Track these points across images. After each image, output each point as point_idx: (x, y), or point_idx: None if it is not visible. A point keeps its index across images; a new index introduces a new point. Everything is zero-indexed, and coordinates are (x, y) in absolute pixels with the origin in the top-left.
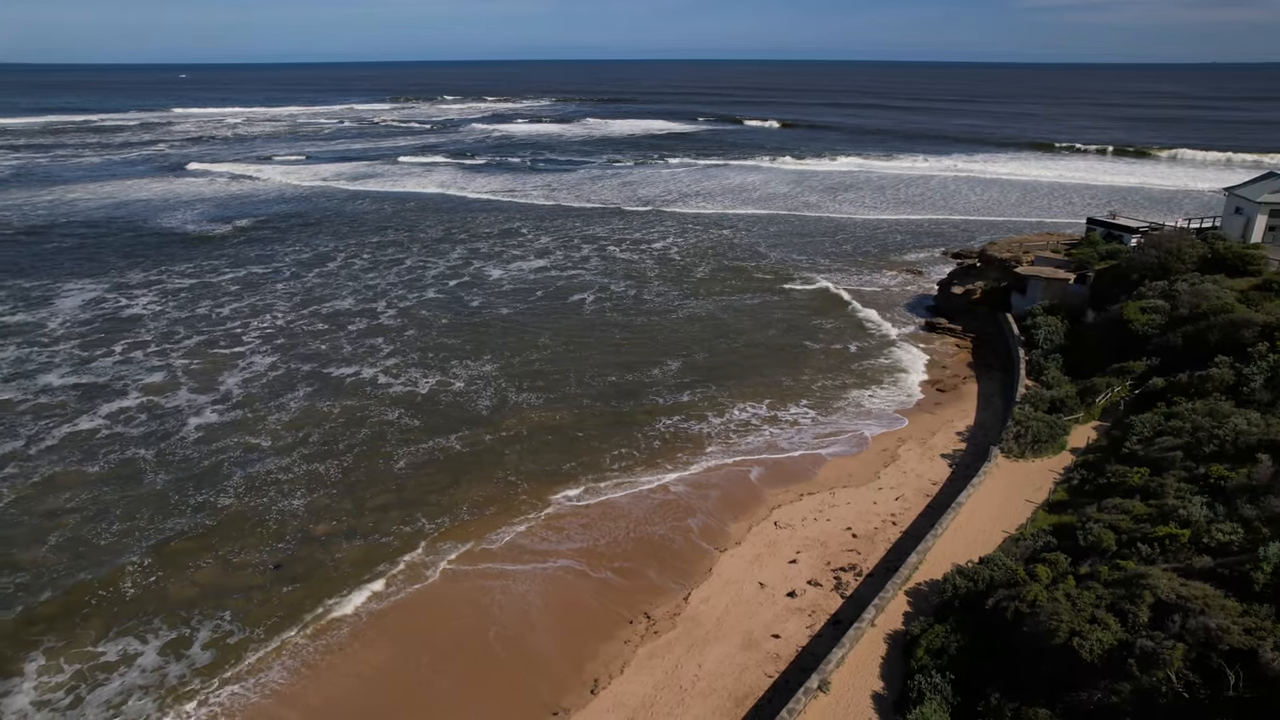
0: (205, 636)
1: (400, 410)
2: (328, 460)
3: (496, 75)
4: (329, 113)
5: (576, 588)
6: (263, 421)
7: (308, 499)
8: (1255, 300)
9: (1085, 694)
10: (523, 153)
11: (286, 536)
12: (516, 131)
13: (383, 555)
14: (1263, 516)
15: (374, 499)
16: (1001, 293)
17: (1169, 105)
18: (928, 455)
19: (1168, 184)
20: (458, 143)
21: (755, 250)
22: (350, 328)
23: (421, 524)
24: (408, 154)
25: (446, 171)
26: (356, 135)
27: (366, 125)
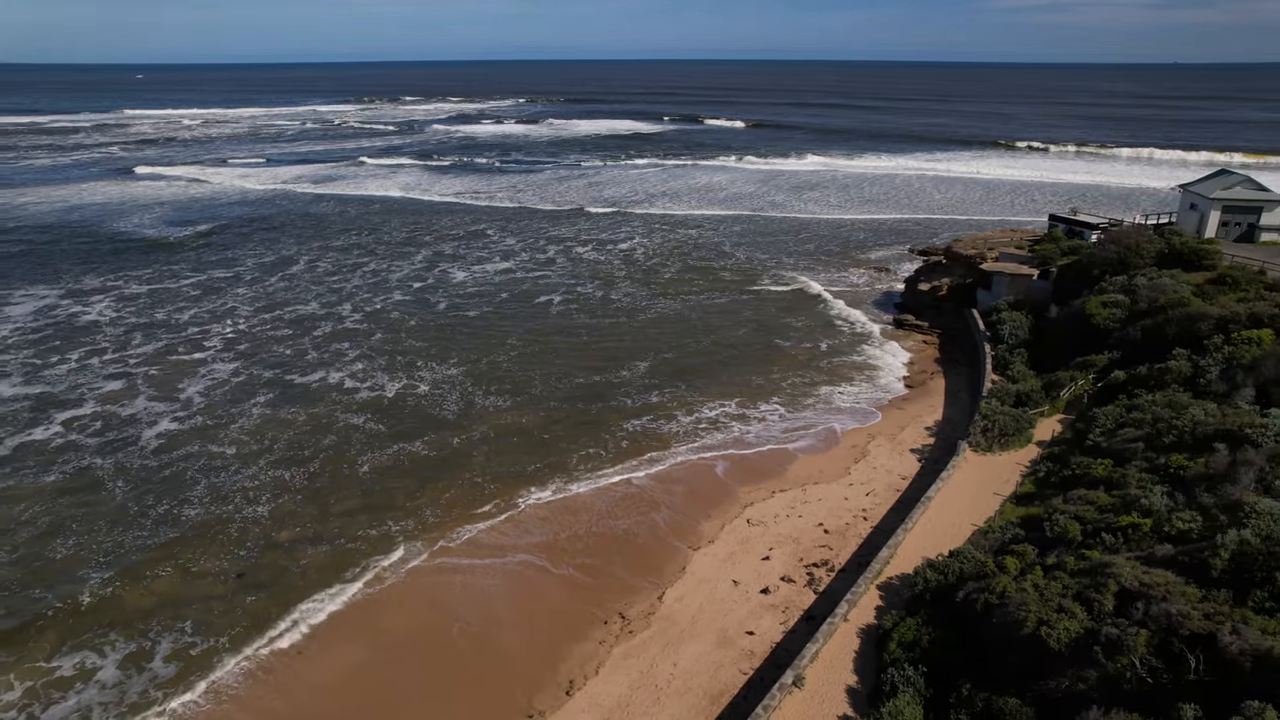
0: (166, 649)
1: (366, 415)
2: (293, 467)
3: (462, 76)
4: (291, 114)
5: (548, 588)
6: (225, 429)
7: (272, 506)
8: (1210, 294)
9: (1053, 682)
10: (488, 154)
11: (249, 544)
12: (482, 132)
13: (348, 561)
14: (1220, 504)
15: (339, 504)
16: (967, 289)
17: (1129, 105)
18: (897, 451)
19: (1126, 182)
20: (423, 144)
21: (723, 250)
22: (315, 332)
23: (388, 527)
24: (372, 156)
25: (411, 173)
26: (320, 137)
27: (330, 127)
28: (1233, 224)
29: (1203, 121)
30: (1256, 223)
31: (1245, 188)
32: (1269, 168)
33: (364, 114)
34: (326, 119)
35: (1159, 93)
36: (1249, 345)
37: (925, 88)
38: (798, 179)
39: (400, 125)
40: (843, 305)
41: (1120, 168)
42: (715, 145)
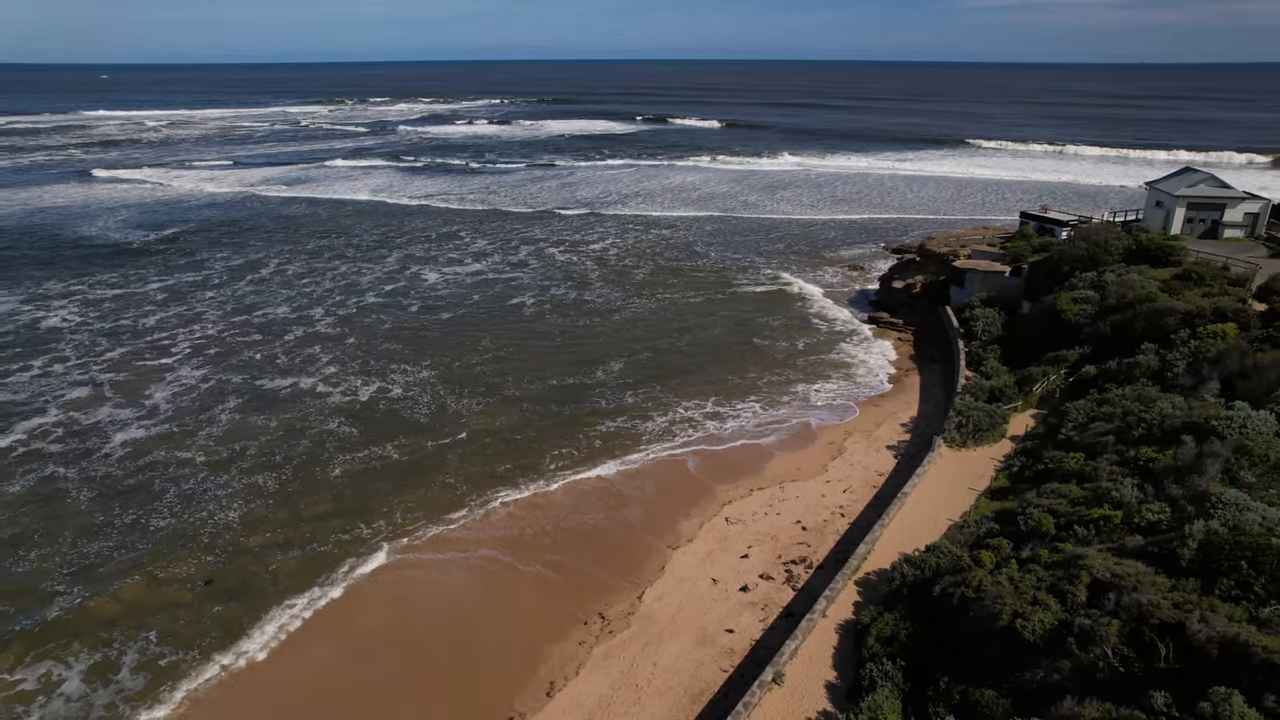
0: (133, 659)
1: (340, 419)
2: (265, 473)
3: (434, 76)
4: (260, 115)
5: (525, 589)
6: (193, 436)
7: (243, 513)
8: (1176, 289)
9: (1029, 673)
10: (461, 154)
11: (219, 551)
12: (455, 133)
13: (321, 565)
14: (1187, 495)
15: (311, 509)
16: (940, 286)
17: (1098, 104)
18: (873, 447)
19: (1094, 180)
20: (395, 145)
21: (697, 250)
22: (286, 337)
23: (360, 531)
24: (343, 157)
25: (383, 175)
26: (290, 138)
27: (300, 128)
28: (1197, 220)
29: (1168, 121)
30: (1220, 219)
31: (1209, 185)
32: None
33: (334, 115)
34: (296, 120)
35: (1126, 92)
36: (1214, 339)
37: (898, 87)
38: (771, 178)
39: (371, 126)
40: (818, 304)
41: (1089, 166)
42: (688, 145)
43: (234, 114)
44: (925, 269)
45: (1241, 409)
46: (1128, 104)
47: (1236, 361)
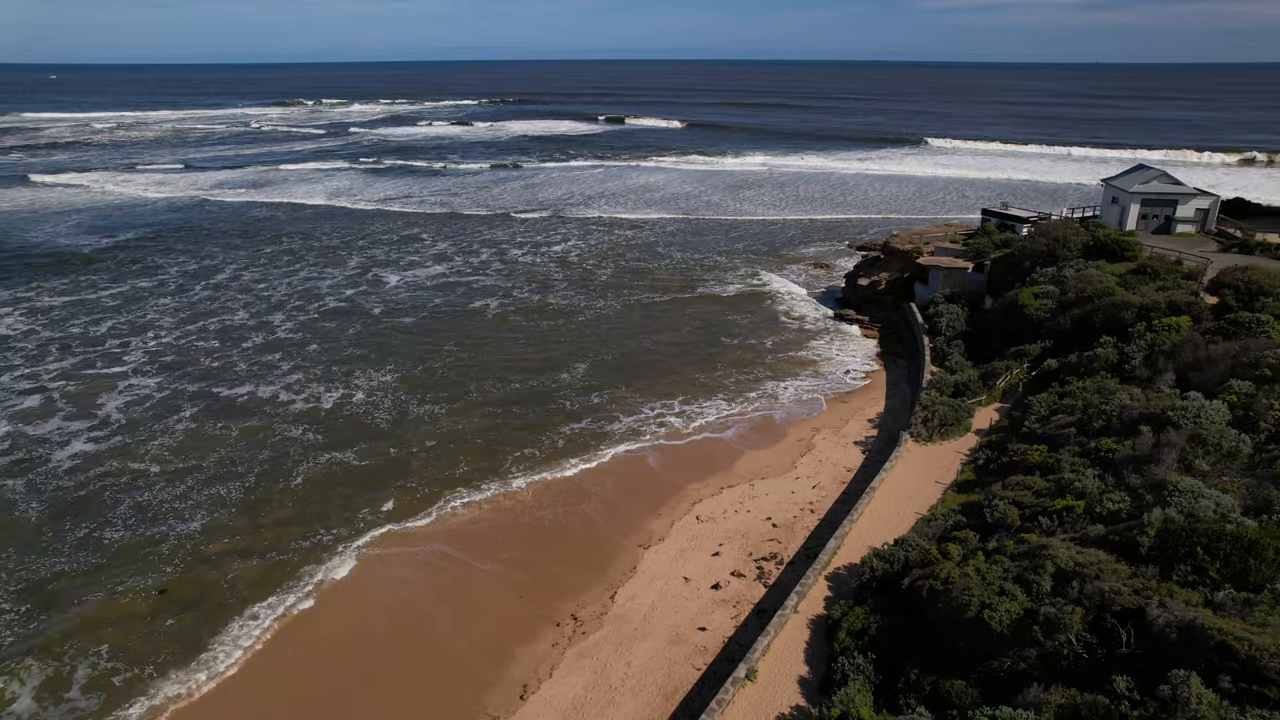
0: (85, 675)
1: (304, 426)
2: (226, 483)
3: (396, 77)
4: (217, 117)
5: (495, 592)
6: (147, 446)
7: (204, 523)
8: (1132, 283)
9: (997, 662)
10: (424, 156)
11: (177, 561)
12: (417, 134)
13: (281, 573)
14: (1146, 484)
15: (270, 516)
16: (905, 283)
17: (1054, 103)
18: (841, 443)
19: (1051, 178)
20: (356, 147)
21: (662, 250)
22: (245, 343)
23: (322, 538)
24: (304, 159)
25: (345, 177)
26: (249, 140)
27: (259, 130)
28: (1151, 216)
29: (1122, 120)
30: (1172, 215)
31: (1161, 182)
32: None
33: (294, 116)
34: (254, 122)
35: (1080, 91)
36: (1169, 332)
37: (860, 87)
38: (735, 178)
39: (332, 128)
40: (785, 302)
41: (1046, 164)
42: (652, 145)
43: (188, 116)
44: (890, 266)
45: (1196, 399)
46: (1082, 103)
47: (1190, 353)
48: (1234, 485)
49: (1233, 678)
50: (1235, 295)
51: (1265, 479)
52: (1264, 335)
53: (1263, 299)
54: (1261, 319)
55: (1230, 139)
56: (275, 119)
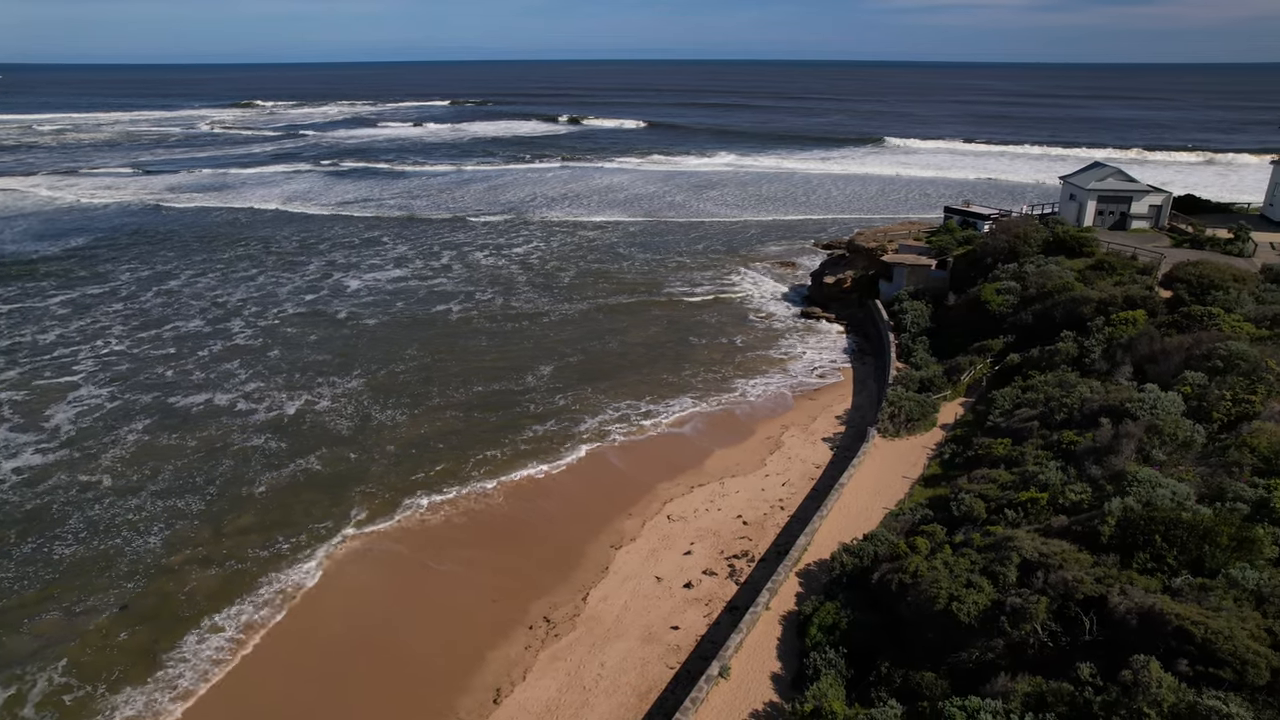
0: (40, 694)
1: (266, 435)
2: (185, 495)
3: (356, 78)
4: (171, 119)
5: (466, 596)
6: (98, 459)
7: (162, 536)
8: (1091, 279)
9: (965, 653)
10: (385, 158)
11: (137, 576)
12: (379, 136)
13: (246, 583)
14: (1106, 475)
15: (233, 526)
16: (870, 281)
17: (1008, 102)
18: (810, 440)
19: (1009, 176)
20: (315, 148)
21: (627, 251)
22: (201, 351)
23: (284, 546)
24: (262, 162)
25: (304, 179)
26: (206, 143)
27: (215, 132)
28: (1107, 213)
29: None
30: (1128, 211)
31: (1117, 179)
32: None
33: (250, 118)
34: (209, 124)
35: (1034, 90)
36: (1126, 325)
37: (821, 86)
38: (699, 178)
39: (292, 129)
40: (751, 301)
41: (1004, 163)
42: (615, 145)
43: (140, 117)
44: (855, 264)
45: (1152, 391)
46: (1035, 102)
47: (1146, 346)
48: (1189, 474)
49: (1190, 661)
50: (1188, 289)
51: (1218, 467)
52: (1215, 328)
53: (1214, 293)
54: (1213, 312)
55: (1178, 138)
56: (231, 120)
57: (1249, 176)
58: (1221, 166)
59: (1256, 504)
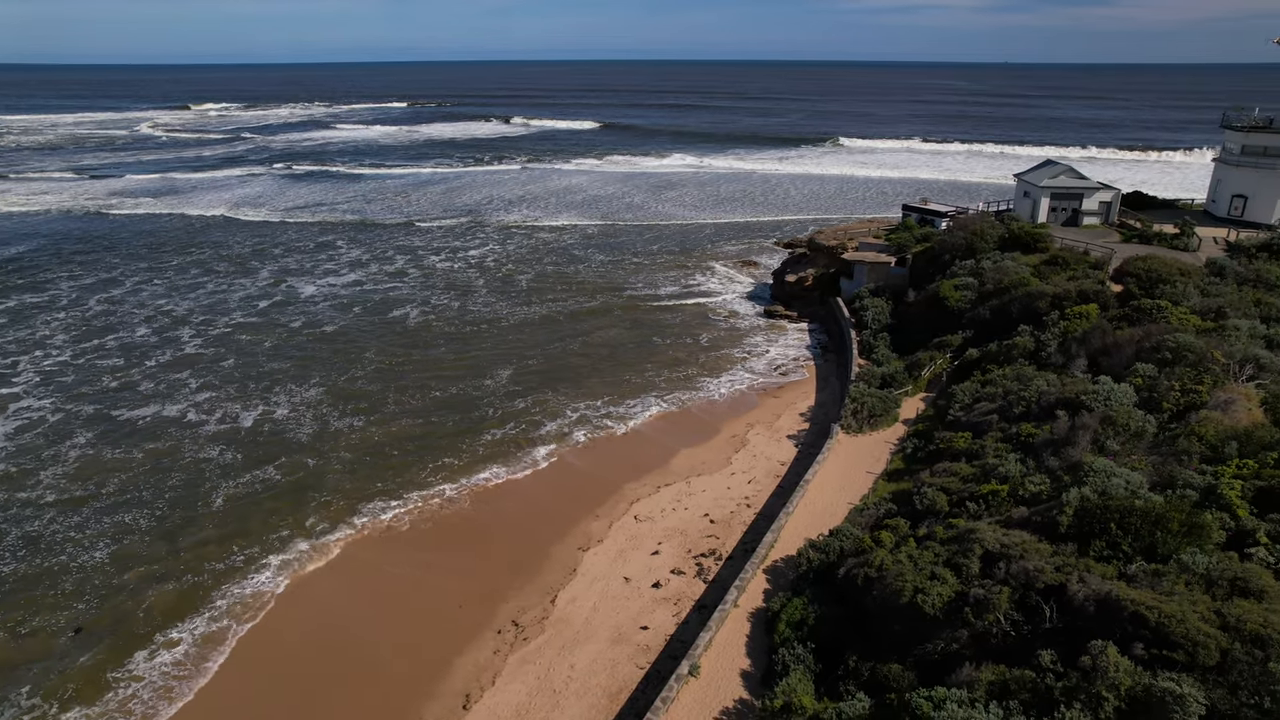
0: None
1: (220, 446)
2: (134, 510)
3: (314, 79)
4: (121, 120)
5: (433, 602)
6: (38, 475)
7: (109, 552)
8: (1045, 274)
9: (931, 645)
10: (340, 160)
11: (87, 595)
12: (334, 138)
13: (204, 597)
14: (1063, 466)
15: (189, 540)
16: (831, 278)
17: (967, 102)
18: (775, 437)
19: (965, 176)
20: (269, 151)
21: (587, 253)
22: (149, 361)
23: (243, 558)
24: (213, 165)
25: (257, 183)
26: (155, 145)
27: (165, 135)
28: (1060, 209)
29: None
30: (1079, 208)
31: (1068, 176)
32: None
33: (204, 120)
34: (158, 126)
35: (993, 90)
36: (1080, 319)
37: (781, 86)
38: (658, 179)
39: (244, 132)
40: (713, 300)
41: (960, 161)
42: (574, 146)
43: (86, 119)
44: (816, 262)
45: (1106, 383)
46: (994, 101)
47: (1099, 339)
48: (1141, 463)
49: (1145, 644)
50: (1138, 283)
51: (1169, 456)
52: (1164, 320)
53: (1162, 286)
54: (1161, 305)
55: (1127, 137)
56: (181, 123)
57: (1192, 174)
58: (1166, 164)
59: (1205, 490)
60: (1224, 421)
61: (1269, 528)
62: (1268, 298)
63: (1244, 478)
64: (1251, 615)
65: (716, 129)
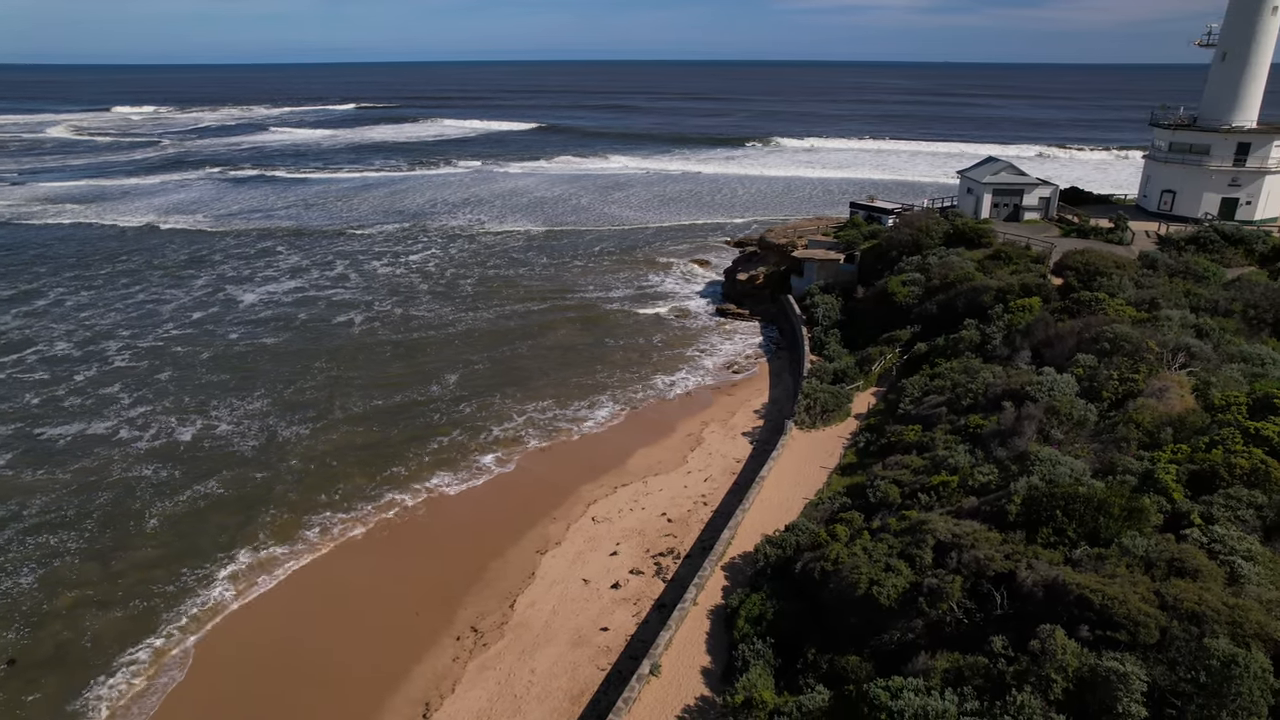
0: None
1: (155, 463)
2: (60, 531)
3: (255, 80)
4: (46, 122)
5: (387, 611)
6: None
7: (36, 576)
8: (989, 268)
9: (887, 635)
10: (282, 164)
11: (18, 624)
12: (275, 141)
13: (150, 619)
14: (1010, 456)
15: (125, 562)
16: (782, 276)
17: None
18: (730, 435)
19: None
20: (206, 154)
21: (535, 256)
22: (76, 376)
23: (187, 578)
24: (147, 170)
25: (194, 188)
26: (84, 149)
27: (97, 138)
28: (1002, 205)
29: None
30: (1020, 204)
31: (1009, 173)
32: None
33: (139, 122)
34: (94, 128)
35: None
36: (1023, 312)
37: (728, 86)
38: (606, 180)
39: (181, 134)
40: (666, 300)
41: (904, 159)
42: (521, 148)
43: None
44: (767, 261)
45: (1049, 374)
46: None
47: (1042, 331)
48: (1084, 451)
49: (1090, 626)
50: (1077, 276)
51: (1109, 443)
52: (1102, 312)
53: (1099, 279)
54: (1099, 297)
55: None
56: (113, 125)
57: (1123, 170)
58: (1100, 160)
59: (1143, 475)
60: (1159, 408)
61: (1201, 509)
62: (1197, 288)
63: (1178, 462)
64: (1188, 594)
65: (662, 129)
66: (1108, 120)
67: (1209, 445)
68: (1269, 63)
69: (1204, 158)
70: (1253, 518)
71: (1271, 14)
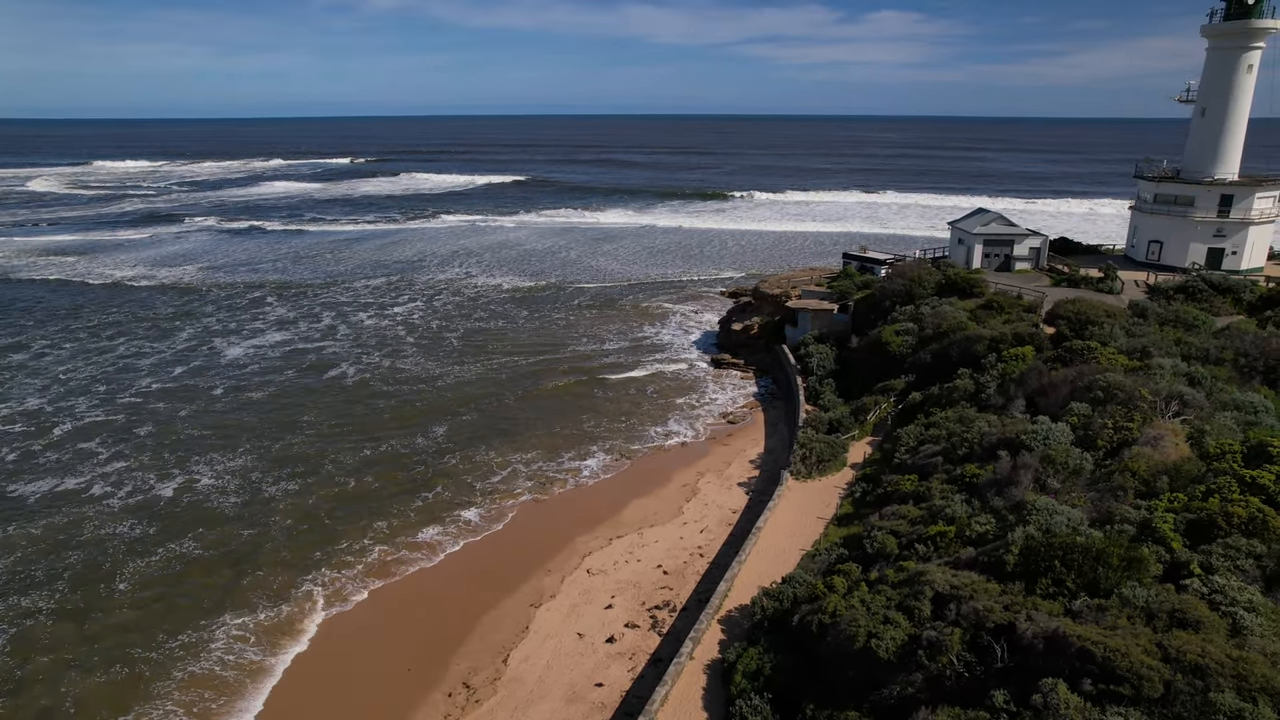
0: None
1: (131, 520)
2: (30, 592)
3: (253, 134)
4: (44, 174)
5: (376, 669)
6: None
7: (6, 637)
8: (982, 318)
9: (886, 690)
10: (274, 216)
11: None
12: (270, 193)
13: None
14: (1007, 506)
15: (102, 624)
16: (776, 326)
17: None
18: (725, 485)
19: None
20: (200, 207)
21: (524, 306)
22: (54, 431)
23: (171, 643)
24: (138, 223)
25: (189, 240)
26: (78, 202)
27: (89, 190)
28: (993, 255)
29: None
30: (1011, 254)
31: (999, 224)
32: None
33: (136, 174)
34: (86, 180)
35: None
36: (1016, 361)
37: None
38: (596, 233)
39: (178, 186)
40: (660, 351)
41: (893, 213)
42: (511, 200)
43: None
44: (761, 311)
45: (1044, 423)
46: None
47: (1036, 380)
48: (1081, 500)
49: (1092, 680)
50: (1068, 325)
51: (1105, 492)
52: (1095, 361)
53: (1091, 328)
54: (1091, 346)
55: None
56: (116, 176)
57: (1110, 222)
58: (1088, 212)
59: (1140, 525)
60: (1154, 457)
61: (1201, 559)
62: (1187, 337)
63: (1175, 511)
64: (1191, 646)
65: (653, 183)
66: (1093, 174)
67: (1206, 494)
68: (1247, 117)
69: (1189, 209)
70: (1252, 567)
71: (1247, 72)
